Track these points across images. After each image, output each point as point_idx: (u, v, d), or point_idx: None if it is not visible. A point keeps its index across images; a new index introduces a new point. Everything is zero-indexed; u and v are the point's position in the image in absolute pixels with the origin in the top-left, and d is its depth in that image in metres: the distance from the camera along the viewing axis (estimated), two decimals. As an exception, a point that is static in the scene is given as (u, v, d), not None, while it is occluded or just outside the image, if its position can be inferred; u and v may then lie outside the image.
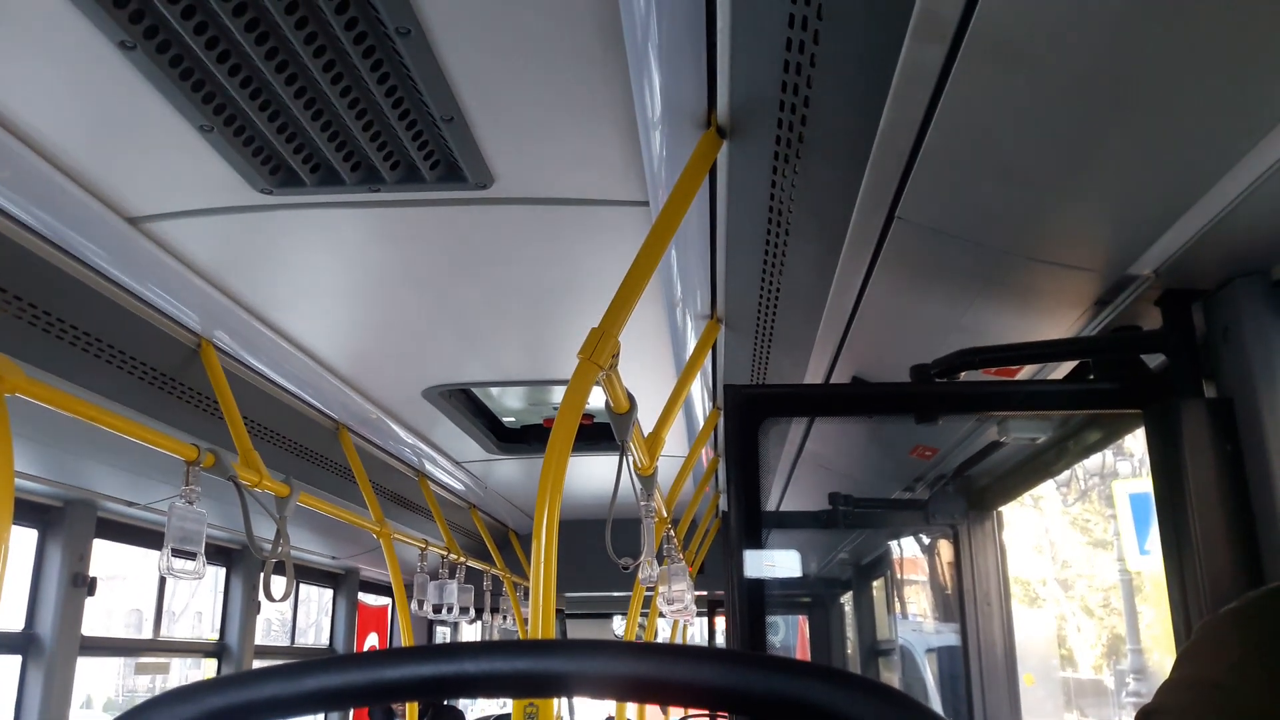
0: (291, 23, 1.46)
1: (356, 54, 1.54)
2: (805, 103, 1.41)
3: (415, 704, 4.46)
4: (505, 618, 6.60)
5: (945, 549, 3.72)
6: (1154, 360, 1.92)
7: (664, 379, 3.11)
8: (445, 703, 6.24)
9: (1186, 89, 1.17)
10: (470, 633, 7.63)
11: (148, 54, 1.51)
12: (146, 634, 4.43)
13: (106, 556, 3.87)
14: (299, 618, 6.55)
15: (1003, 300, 1.78)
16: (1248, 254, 1.55)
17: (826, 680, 0.38)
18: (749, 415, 1.58)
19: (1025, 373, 2.07)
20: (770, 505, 4.98)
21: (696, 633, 11.46)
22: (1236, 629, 0.75)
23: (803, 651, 7.57)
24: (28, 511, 3.42)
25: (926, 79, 1.23)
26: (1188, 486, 1.63)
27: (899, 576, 5.16)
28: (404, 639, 4.76)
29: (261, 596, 3.05)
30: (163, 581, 4.29)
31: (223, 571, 4.79)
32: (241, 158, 1.83)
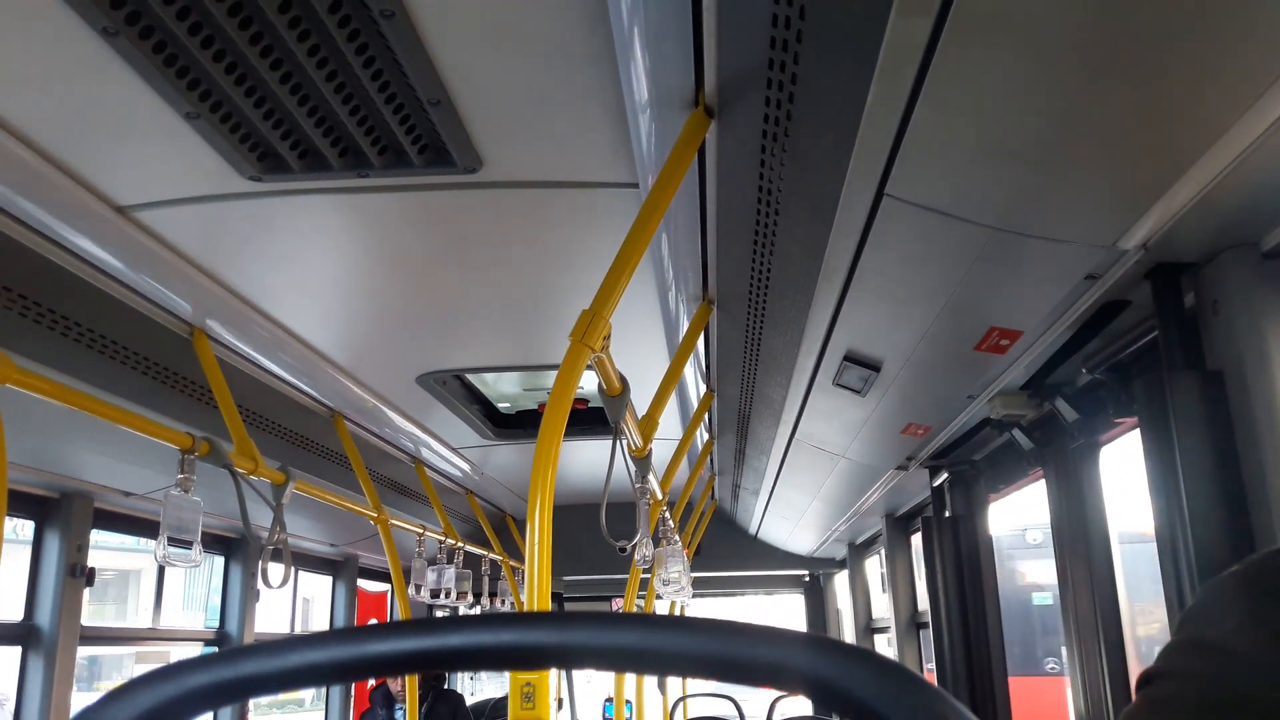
0: (275, 5, 1.44)
1: (341, 37, 1.53)
2: (793, 79, 1.40)
3: (416, 688, 4.48)
4: (504, 602, 6.62)
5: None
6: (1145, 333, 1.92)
7: (657, 362, 3.11)
8: (445, 686, 6.27)
9: (1173, 59, 1.17)
10: (469, 618, 7.63)
11: (131, 40, 1.50)
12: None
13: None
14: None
15: (992, 275, 1.78)
16: (1236, 225, 1.56)
17: (808, 647, 0.38)
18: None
19: (1016, 348, 2.08)
20: (765, 487, 5.00)
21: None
22: (1239, 591, 0.74)
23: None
24: (25, 503, 3.42)
25: (913, 53, 1.22)
26: (1178, 459, 1.64)
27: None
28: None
29: (260, 584, 3.05)
30: (162, 571, 4.30)
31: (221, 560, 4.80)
32: (228, 144, 1.82)
